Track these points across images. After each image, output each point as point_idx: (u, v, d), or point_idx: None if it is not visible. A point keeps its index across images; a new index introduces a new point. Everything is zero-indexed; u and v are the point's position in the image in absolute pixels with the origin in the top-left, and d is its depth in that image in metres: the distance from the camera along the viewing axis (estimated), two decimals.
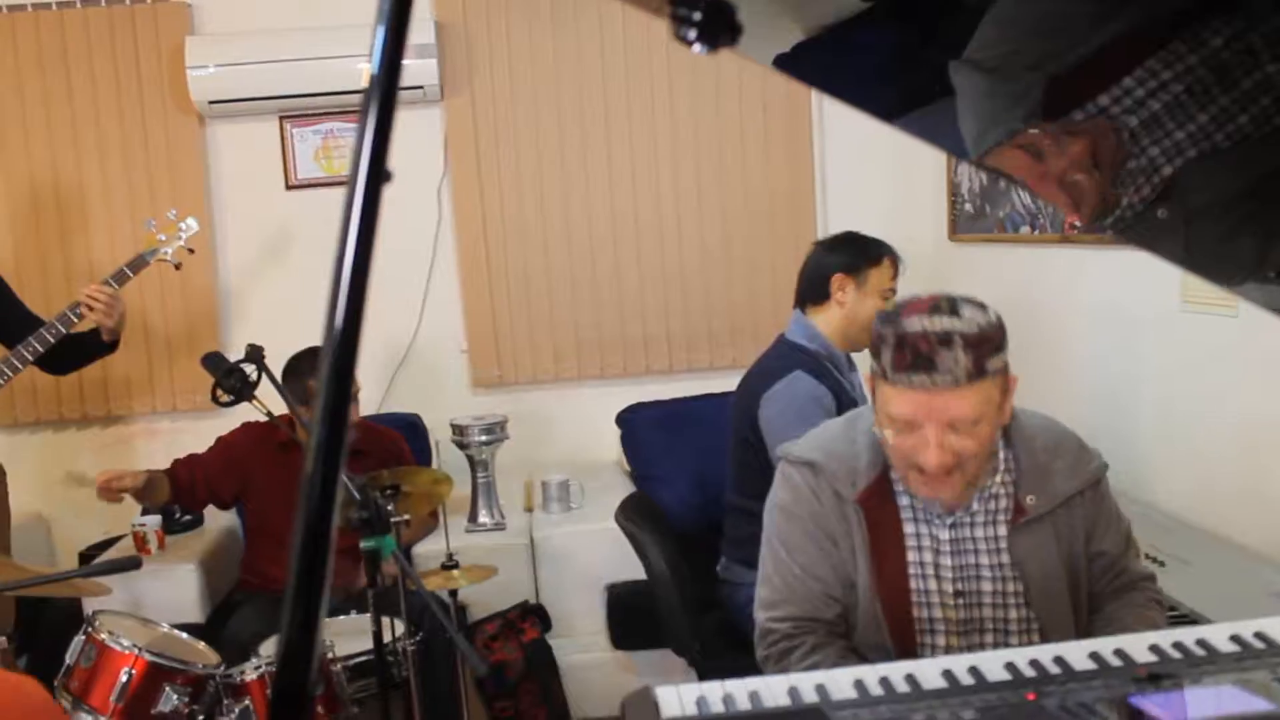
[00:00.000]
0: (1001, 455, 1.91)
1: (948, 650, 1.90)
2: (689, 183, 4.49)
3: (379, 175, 0.75)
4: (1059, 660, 1.39)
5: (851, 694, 1.31)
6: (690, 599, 2.95)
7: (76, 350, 3.45)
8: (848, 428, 2.00)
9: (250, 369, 2.76)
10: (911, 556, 1.89)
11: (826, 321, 3.04)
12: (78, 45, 4.28)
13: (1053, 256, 3.61)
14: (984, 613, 1.89)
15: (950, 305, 1.75)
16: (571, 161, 4.45)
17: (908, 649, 1.89)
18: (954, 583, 1.88)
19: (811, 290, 3.07)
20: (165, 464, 3.60)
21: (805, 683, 1.34)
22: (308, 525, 0.79)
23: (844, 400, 2.93)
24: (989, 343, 1.73)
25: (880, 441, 1.86)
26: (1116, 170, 0.78)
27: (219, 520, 3.96)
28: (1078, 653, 1.42)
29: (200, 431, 4.31)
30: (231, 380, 2.72)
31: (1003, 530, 1.88)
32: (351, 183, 0.75)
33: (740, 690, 1.33)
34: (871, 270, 3.02)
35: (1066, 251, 3.53)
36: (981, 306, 1.79)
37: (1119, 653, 1.41)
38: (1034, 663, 1.40)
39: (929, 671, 1.39)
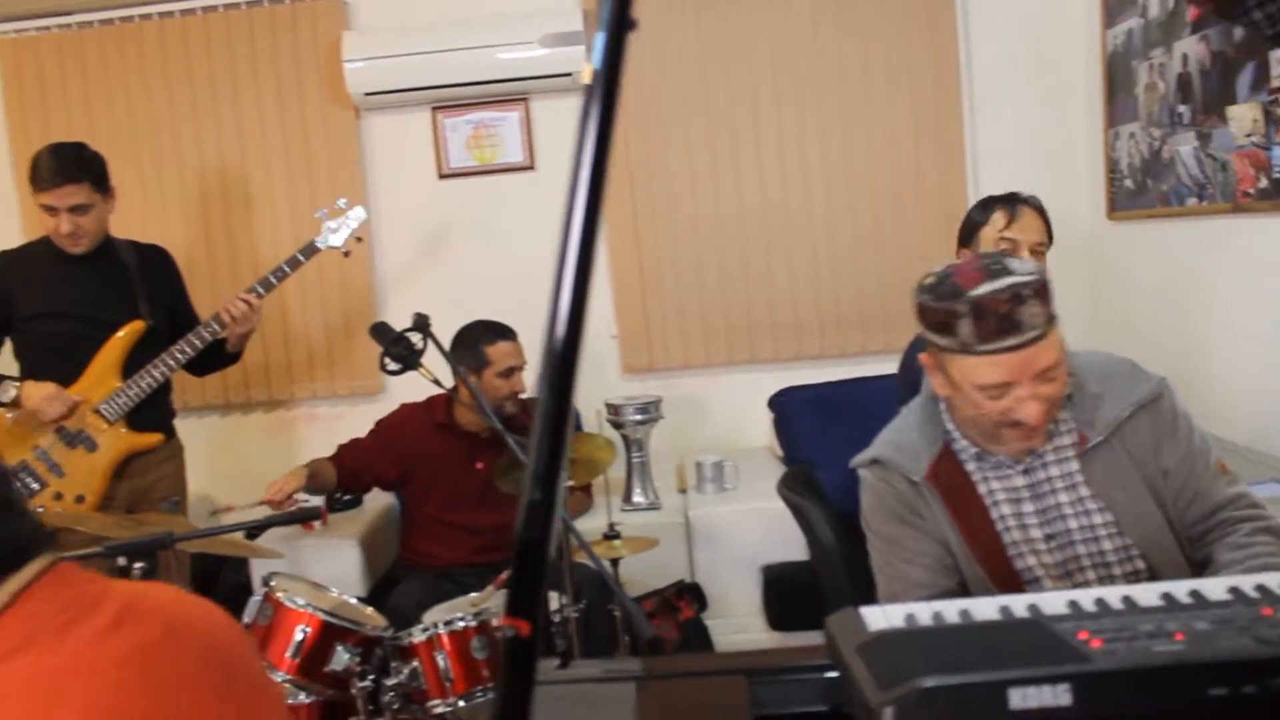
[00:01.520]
0: None
1: None
2: (838, 165, 4.43)
3: (601, 176, 0.74)
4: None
5: (1065, 611, 1.25)
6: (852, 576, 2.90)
7: (209, 357, 3.55)
8: (900, 420, 2.04)
9: (417, 338, 2.81)
10: (994, 513, 1.90)
11: None
12: (242, 44, 4.45)
13: (1223, 229, 3.45)
14: (1077, 550, 1.88)
15: (999, 263, 1.76)
16: (720, 147, 4.43)
17: None
18: (1041, 527, 1.88)
19: None
20: (325, 447, 3.70)
21: (1017, 602, 1.29)
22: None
23: None
24: (1046, 285, 1.74)
25: (957, 414, 1.88)
26: None
27: (378, 499, 4.04)
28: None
29: (358, 416, 4.42)
30: (399, 348, 2.77)
31: (1074, 465, 1.87)
32: (573, 186, 0.75)
33: (949, 608, 1.28)
34: (984, 232, 2.96)
35: (1238, 222, 3.36)
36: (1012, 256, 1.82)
37: None
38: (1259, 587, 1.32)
39: (1144, 596, 1.32)
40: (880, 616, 1.25)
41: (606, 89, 0.76)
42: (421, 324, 2.81)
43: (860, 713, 1.03)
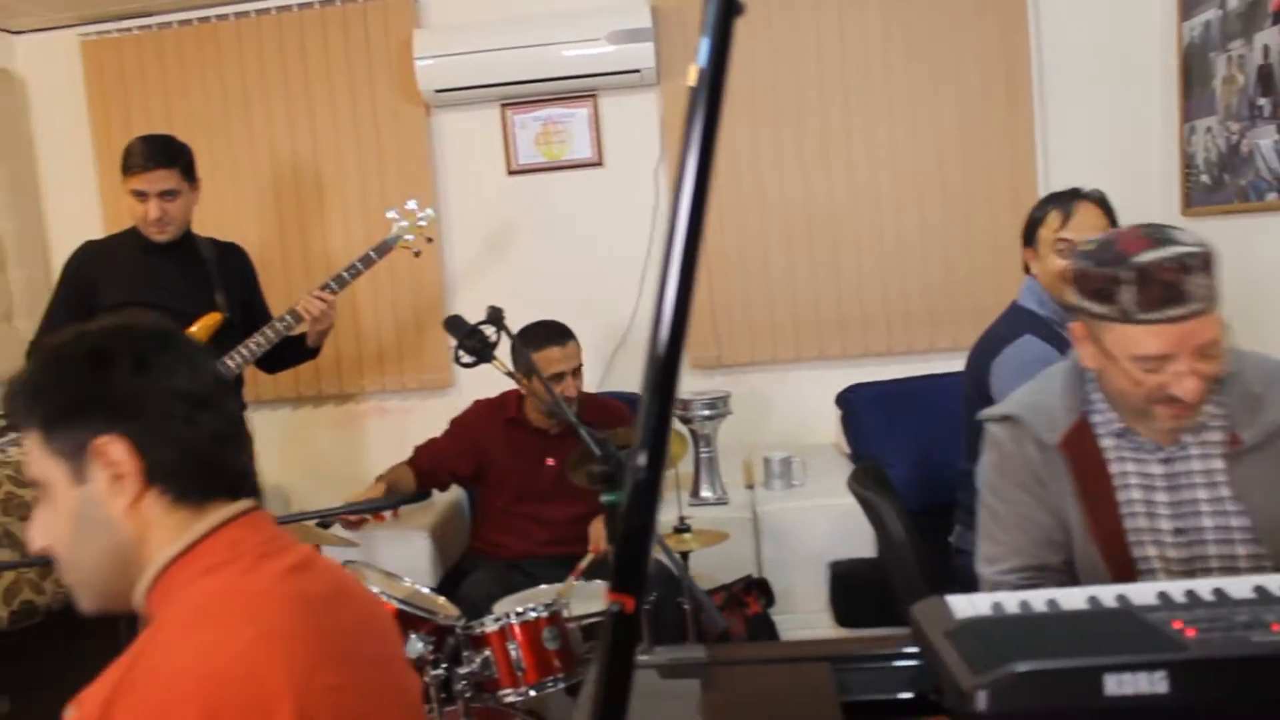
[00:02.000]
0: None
1: None
2: (907, 163, 4.40)
3: (706, 177, 0.76)
4: None
5: (1155, 601, 1.24)
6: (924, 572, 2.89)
7: (285, 353, 3.61)
8: (1042, 382, 1.98)
9: (490, 331, 2.83)
10: (1121, 496, 1.85)
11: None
12: (315, 43, 4.52)
13: None
14: (1208, 550, 1.82)
15: (1162, 232, 1.71)
16: (787, 143, 4.42)
17: None
18: (1172, 519, 1.82)
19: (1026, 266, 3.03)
20: (394, 440, 3.76)
21: (1105, 592, 1.28)
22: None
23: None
24: (1212, 258, 1.69)
25: (1108, 388, 1.83)
26: None
27: (448, 492, 4.08)
28: None
29: (427, 410, 4.49)
30: (473, 341, 2.80)
31: (1218, 464, 1.81)
32: (678, 187, 0.76)
33: (1036, 597, 1.28)
34: (1040, 232, 2.94)
35: None
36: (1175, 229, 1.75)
37: None
38: None
39: (1237, 589, 1.30)
40: (966, 605, 1.25)
41: (711, 90, 0.77)
42: (495, 317, 2.83)
43: (952, 696, 1.03)
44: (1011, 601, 1.26)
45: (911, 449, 3.93)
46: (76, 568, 1.22)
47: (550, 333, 3.50)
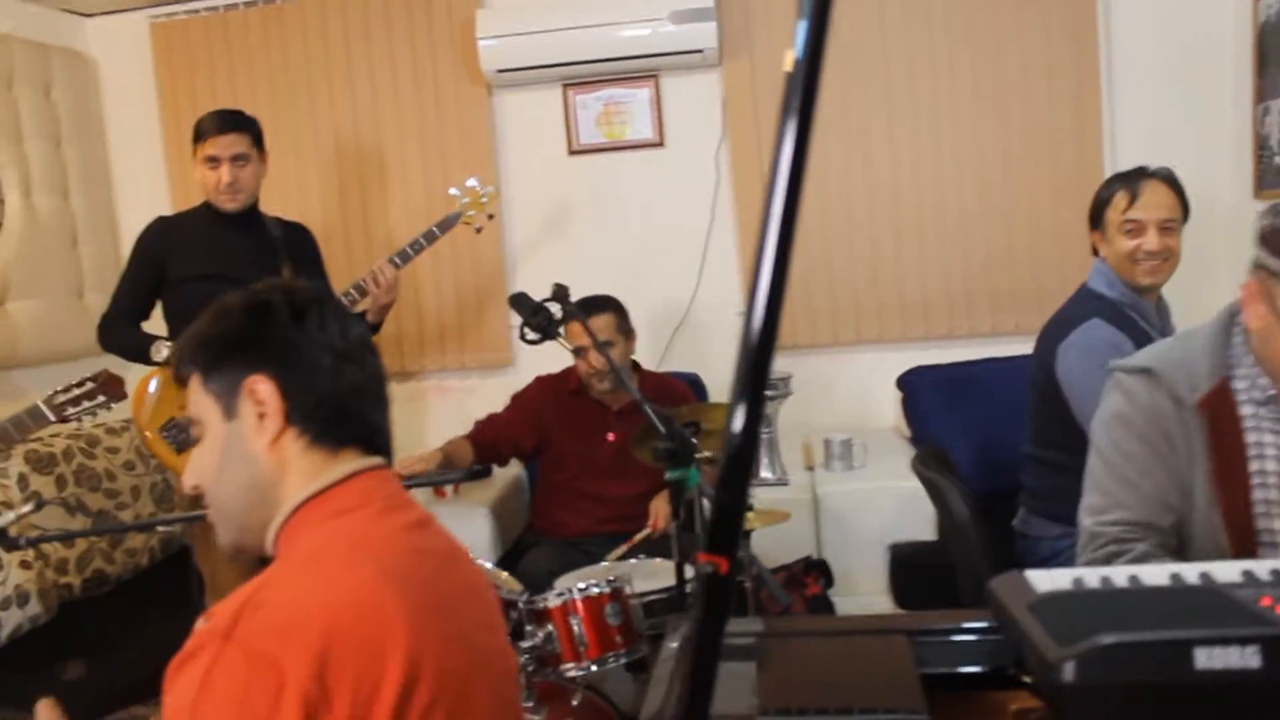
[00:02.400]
0: None
1: None
2: (969, 144, 4.35)
3: (801, 166, 0.75)
4: None
5: (1239, 579, 1.22)
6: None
7: None
8: (1182, 339, 1.94)
9: (555, 308, 2.85)
10: (1255, 466, 1.79)
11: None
12: (379, 23, 4.55)
13: None
14: None
15: None
16: (851, 123, 4.39)
17: None
18: None
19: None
20: (455, 418, 3.79)
21: (1187, 570, 1.27)
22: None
23: None
24: None
25: (1267, 349, 1.77)
26: None
27: (508, 469, 4.11)
28: None
29: (488, 388, 4.52)
30: (539, 319, 2.81)
31: None
32: (773, 174, 0.75)
33: (1118, 573, 1.26)
34: (1107, 213, 2.88)
35: None
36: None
37: None
38: None
39: None
40: (1046, 579, 1.24)
41: (808, 78, 0.76)
42: (561, 294, 2.85)
43: (1037, 669, 1.03)
44: (1093, 577, 1.25)
45: (972, 433, 3.90)
46: (220, 500, 1.31)
47: (582, 305, 3.45)
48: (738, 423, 0.79)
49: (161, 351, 3.35)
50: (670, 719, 0.80)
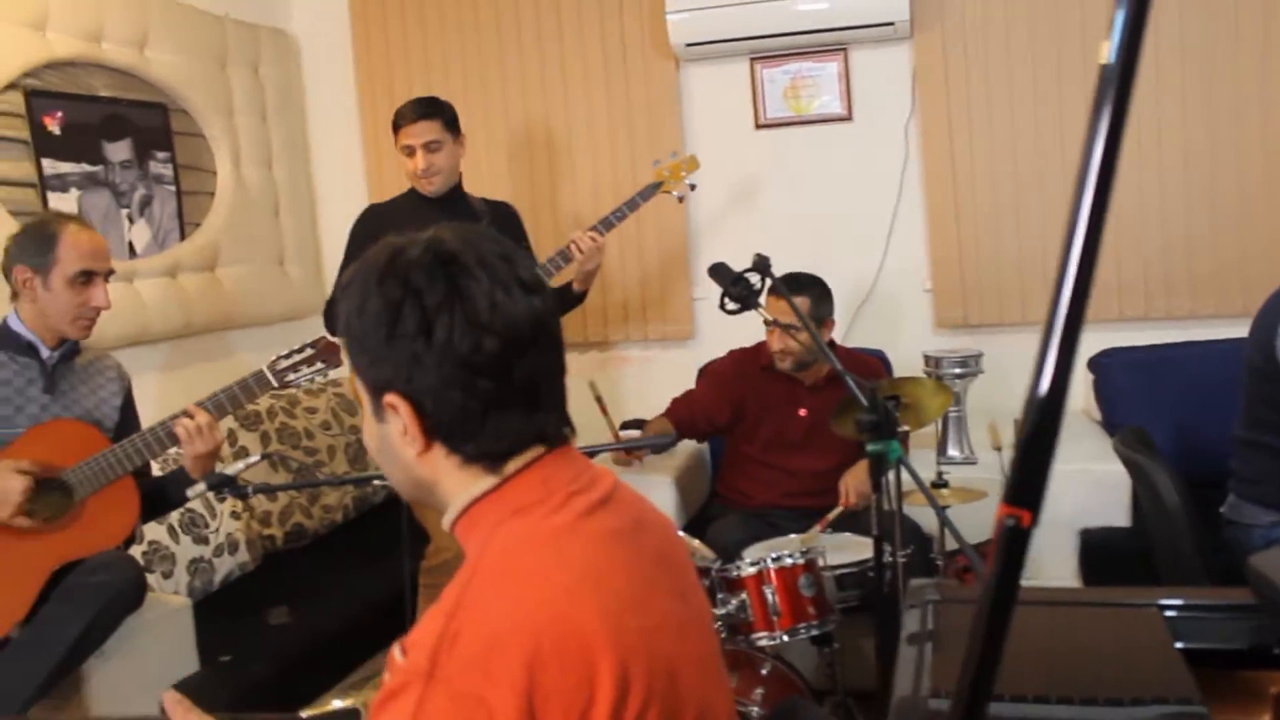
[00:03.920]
0: None
1: None
2: (1174, 119, 4.15)
3: (1112, 161, 0.74)
4: None
5: None
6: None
7: (558, 301, 3.70)
8: None
9: (755, 279, 2.85)
10: None
11: None
12: None
13: None
14: None
15: None
16: (1046, 96, 4.24)
17: None
18: None
19: None
20: (636, 388, 3.83)
21: None
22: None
23: None
24: None
25: None
26: None
27: (691, 440, 4.15)
28: None
29: (669, 360, 4.56)
30: (739, 289, 2.82)
31: None
32: (1084, 166, 0.75)
33: None
34: None
35: None
36: None
37: None
38: None
39: None
40: None
41: (1124, 67, 0.75)
42: (762, 265, 2.85)
43: None
44: None
45: (1171, 417, 3.78)
46: (388, 476, 1.29)
47: (786, 281, 3.45)
48: (1046, 379, 0.79)
49: None
50: (962, 674, 0.80)
